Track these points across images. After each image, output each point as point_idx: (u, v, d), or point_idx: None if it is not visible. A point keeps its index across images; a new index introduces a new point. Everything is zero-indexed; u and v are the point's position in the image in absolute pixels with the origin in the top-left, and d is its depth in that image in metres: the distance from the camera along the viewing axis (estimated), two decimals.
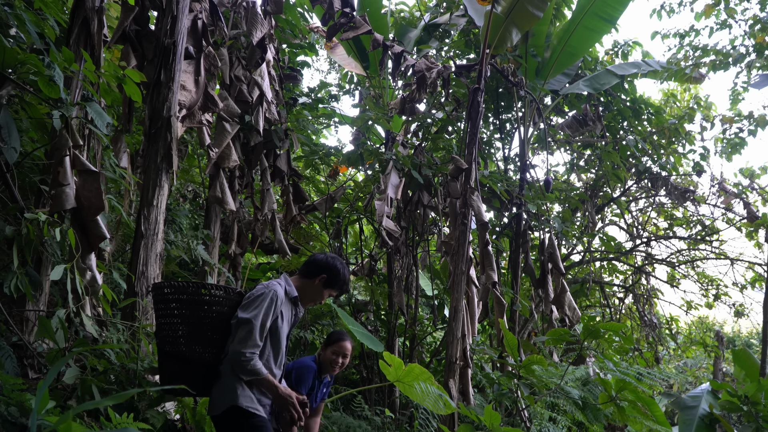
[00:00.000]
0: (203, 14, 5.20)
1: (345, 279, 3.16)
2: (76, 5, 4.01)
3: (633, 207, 11.11)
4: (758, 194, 10.06)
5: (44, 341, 3.74)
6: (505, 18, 6.18)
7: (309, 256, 3.28)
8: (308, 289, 3.12)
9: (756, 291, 10.78)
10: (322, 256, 3.18)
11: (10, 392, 2.84)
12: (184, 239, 5.79)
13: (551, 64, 7.92)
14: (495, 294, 5.87)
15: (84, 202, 3.70)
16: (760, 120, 8.82)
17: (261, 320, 2.79)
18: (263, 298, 2.83)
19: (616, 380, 4.37)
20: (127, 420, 2.89)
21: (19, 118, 4.19)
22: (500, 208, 7.82)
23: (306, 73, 14.20)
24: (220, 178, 5.78)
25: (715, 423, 4.06)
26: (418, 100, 6.63)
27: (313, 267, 3.13)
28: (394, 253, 6.74)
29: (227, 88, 6.00)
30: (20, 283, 3.35)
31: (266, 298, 2.84)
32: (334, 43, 8.87)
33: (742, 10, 8.57)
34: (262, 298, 2.83)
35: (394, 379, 3.82)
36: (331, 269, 3.10)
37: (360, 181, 8.21)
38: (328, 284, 3.11)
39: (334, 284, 3.13)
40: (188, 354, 2.85)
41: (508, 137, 8.85)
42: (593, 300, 11.20)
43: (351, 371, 7.33)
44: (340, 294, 3.33)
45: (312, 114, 7.70)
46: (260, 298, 2.83)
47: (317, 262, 3.14)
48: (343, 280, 3.15)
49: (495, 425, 3.84)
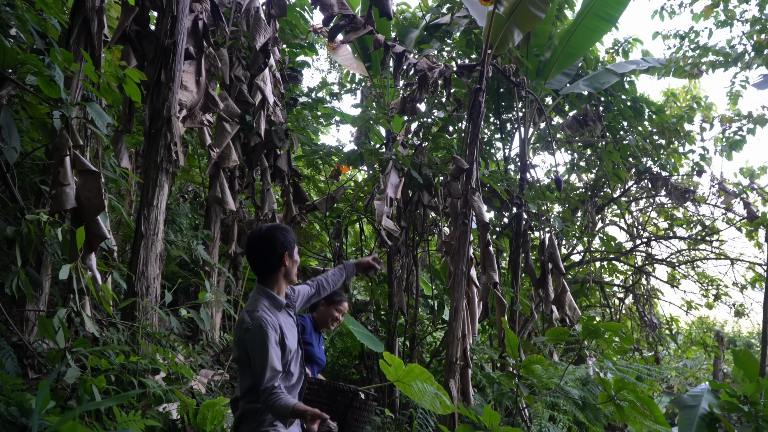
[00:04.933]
0: (204, 14, 5.20)
1: (288, 229, 2.72)
2: (76, 5, 4.01)
3: (633, 207, 11.11)
4: (758, 194, 10.06)
5: (44, 341, 3.74)
6: (507, 18, 6.18)
7: (257, 258, 2.66)
8: (286, 278, 2.69)
9: (756, 291, 10.78)
10: (258, 242, 2.63)
11: (10, 392, 2.84)
12: (184, 239, 5.80)
13: (552, 64, 7.93)
14: (496, 294, 5.87)
15: (84, 202, 3.70)
16: (760, 119, 8.83)
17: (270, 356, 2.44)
18: (262, 336, 2.46)
19: (615, 380, 4.37)
20: (134, 418, 2.89)
21: (20, 118, 4.20)
22: (501, 208, 7.82)
23: (306, 73, 14.20)
24: (220, 178, 5.78)
25: (715, 422, 4.06)
26: (419, 100, 6.63)
27: (271, 256, 2.61)
28: (394, 253, 6.74)
29: (227, 88, 6.01)
30: (21, 283, 3.36)
31: (263, 334, 2.46)
32: (337, 44, 8.88)
33: (741, 11, 8.59)
34: (261, 337, 2.46)
35: (394, 379, 3.81)
36: (276, 238, 2.61)
37: (360, 181, 8.21)
38: (290, 250, 2.66)
39: (292, 244, 2.67)
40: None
41: (509, 137, 8.85)
42: (593, 300, 11.20)
43: (351, 371, 7.34)
44: None
45: (312, 114, 7.71)
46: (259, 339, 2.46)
47: (266, 249, 2.61)
48: (289, 231, 2.70)
49: (495, 425, 3.84)
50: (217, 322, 6.07)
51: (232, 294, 6.40)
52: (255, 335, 2.45)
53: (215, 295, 5.23)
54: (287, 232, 2.66)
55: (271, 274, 2.64)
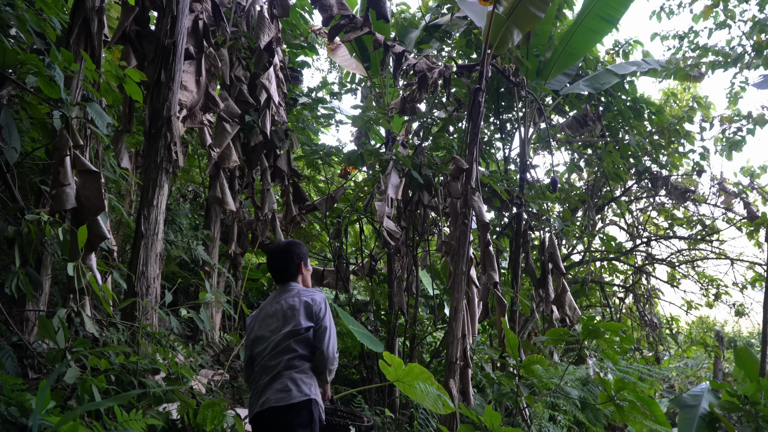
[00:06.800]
0: (204, 14, 5.20)
1: (301, 243, 3.35)
2: (76, 5, 4.01)
3: (633, 207, 11.12)
4: (758, 194, 10.06)
5: (44, 341, 3.74)
6: (507, 18, 6.18)
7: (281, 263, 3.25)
8: (303, 284, 3.26)
9: (756, 291, 10.78)
10: (279, 254, 3.24)
11: (10, 392, 2.84)
12: (184, 239, 5.80)
13: (552, 64, 7.92)
14: (496, 294, 5.87)
15: (84, 202, 3.70)
16: (759, 119, 8.83)
17: None
18: (328, 309, 3.09)
19: (615, 380, 4.36)
20: (135, 417, 2.89)
21: (20, 118, 4.20)
22: (501, 208, 7.82)
23: (306, 73, 14.20)
24: (220, 179, 5.78)
25: (716, 422, 4.06)
26: (419, 100, 6.63)
27: (290, 266, 3.21)
28: (395, 253, 6.74)
29: (227, 88, 6.01)
30: (20, 283, 3.36)
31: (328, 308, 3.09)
32: (335, 45, 8.88)
33: (741, 11, 8.59)
34: (328, 309, 3.09)
35: (394, 379, 3.82)
36: (293, 252, 3.22)
37: (360, 181, 8.21)
38: (305, 260, 3.27)
39: (305, 255, 3.29)
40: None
41: (509, 137, 8.85)
42: (593, 300, 11.20)
43: (351, 371, 7.33)
44: None
45: (312, 114, 7.71)
46: (328, 310, 3.09)
47: (286, 260, 3.21)
48: (302, 245, 3.33)
49: (495, 425, 3.84)
50: (217, 322, 6.07)
51: (232, 294, 6.40)
52: (324, 304, 3.05)
53: (215, 296, 5.23)
54: (301, 246, 3.28)
55: (293, 279, 3.20)
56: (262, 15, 5.94)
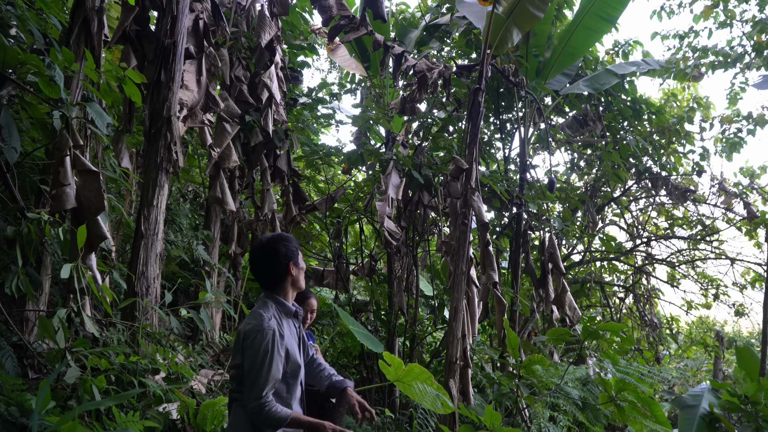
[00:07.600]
0: (204, 14, 5.20)
1: (289, 237, 2.70)
2: (76, 5, 4.01)
3: (633, 207, 11.12)
4: (758, 194, 10.06)
5: (44, 341, 3.74)
6: (506, 18, 6.18)
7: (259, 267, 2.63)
8: (294, 286, 2.67)
9: (756, 291, 10.78)
10: (261, 255, 2.60)
11: (10, 392, 2.84)
12: (184, 239, 5.80)
13: (552, 64, 7.92)
14: (496, 294, 5.87)
15: (84, 202, 3.70)
16: (759, 119, 8.83)
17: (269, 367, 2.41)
18: (265, 339, 2.42)
19: (615, 380, 4.36)
20: (133, 418, 2.89)
21: (20, 118, 4.20)
22: (500, 208, 7.82)
23: (306, 73, 14.20)
24: (220, 179, 5.78)
25: (716, 422, 4.05)
26: (419, 100, 6.63)
27: (275, 268, 2.59)
28: (395, 253, 6.74)
29: (227, 88, 6.01)
30: (20, 283, 3.36)
31: (265, 340, 2.41)
32: (335, 45, 8.88)
33: (741, 11, 8.60)
34: (266, 340, 2.42)
35: (394, 378, 3.81)
36: (278, 250, 2.58)
37: (360, 181, 8.21)
38: (294, 259, 2.64)
39: (295, 252, 2.64)
40: None
41: (509, 137, 8.85)
42: (594, 300, 11.20)
43: (351, 371, 7.33)
44: None
45: (312, 114, 7.71)
46: (265, 341, 2.41)
47: (270, 261, 2.59)
48: (291, 239, 2.68)
49: (495, 425, 3.84)
50: (217, 322, 6.06)
51: (232, 294, 6.40)
52: (258, 340, 2.39)
53: (215, 296, 5.23)
54: (289, 241, 2.63)
55: (278, 284, 2.62)
56: (262, 13, 5.94)
